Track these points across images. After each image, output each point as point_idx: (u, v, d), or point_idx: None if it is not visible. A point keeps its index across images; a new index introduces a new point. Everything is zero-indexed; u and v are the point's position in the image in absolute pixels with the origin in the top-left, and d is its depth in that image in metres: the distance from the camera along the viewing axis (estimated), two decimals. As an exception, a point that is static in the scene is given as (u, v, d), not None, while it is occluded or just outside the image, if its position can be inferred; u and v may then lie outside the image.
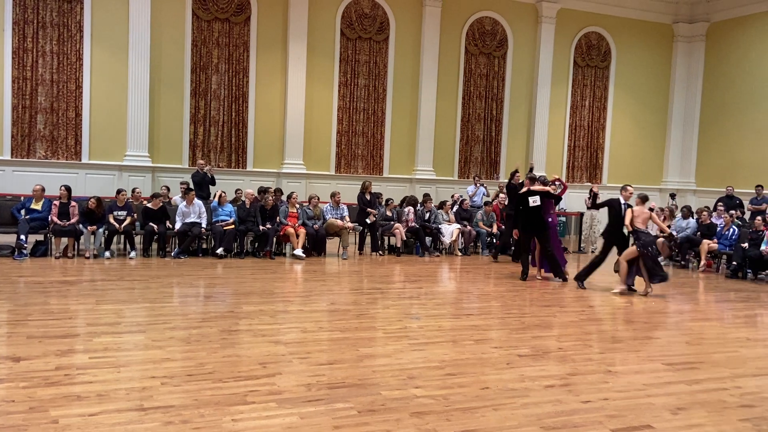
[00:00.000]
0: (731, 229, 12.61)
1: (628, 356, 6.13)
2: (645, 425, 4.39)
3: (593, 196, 10.70)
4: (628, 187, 10.16)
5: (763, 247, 11.54)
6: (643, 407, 4.74)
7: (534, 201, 10.21)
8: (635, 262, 9.55)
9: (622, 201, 9.97)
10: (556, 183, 11.85)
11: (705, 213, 13.28)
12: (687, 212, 13.49)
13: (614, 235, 9.95)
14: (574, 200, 17.11)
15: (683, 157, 19.40)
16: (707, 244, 12.61)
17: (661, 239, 13.56)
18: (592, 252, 14.96)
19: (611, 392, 5.04)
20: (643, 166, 19.38)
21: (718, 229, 12.92)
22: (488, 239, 13.81)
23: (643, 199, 9.73)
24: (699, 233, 13.04)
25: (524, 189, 10.49)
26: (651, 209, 9.86)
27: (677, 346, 6.67)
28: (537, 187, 10.43)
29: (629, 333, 7.13)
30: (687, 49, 19.15)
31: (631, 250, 9.53)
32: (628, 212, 9.65)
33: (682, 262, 13.16)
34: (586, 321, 7.82)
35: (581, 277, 10.07)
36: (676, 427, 4.40)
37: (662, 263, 12.41)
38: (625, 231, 9.82)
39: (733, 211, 13.54)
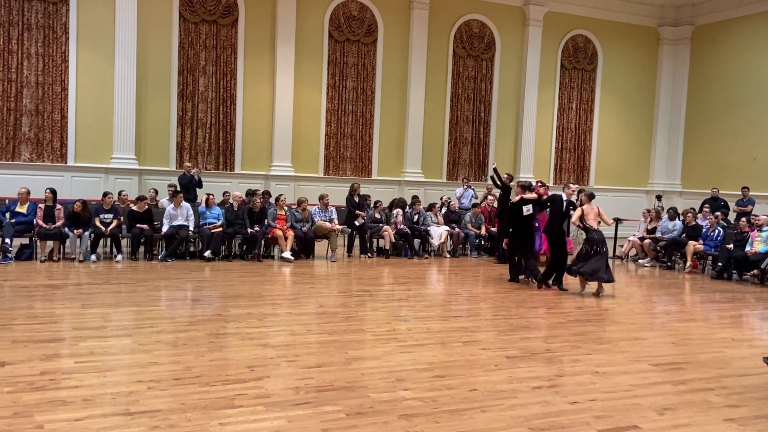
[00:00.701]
0: (716, 231, 12.73)
1: (615, 357, 6.17)
2: (632, 426, 4.42)
3: (494, 171, 10.80)
4: (571, 185, 10.13)
5: (748, 248, 11.65)
6: (629, 408, 4.76)
7: (527, 210, 10.06)
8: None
9: (565, 198, 9.93)
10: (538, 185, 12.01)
11: (690, 215, 13.39)
12: (673, 214, 13.60)
13: (552, 231, 9.90)
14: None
15: (669, 159, 19.55)
16: (693, 246, 12.72)
17: (647, 240, 13.68)
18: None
19: (598, 393, 5.06)
20: (629, 167, 19.51)
21: (704, 230, 13.03)
22: (477, 241, 13.85)
23: (590, 197, 9.61)
24: (684, 235, 13.14)
25: (517, 198, 10.27)
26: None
27: (664, 347, 6.72)
28: (529, 195, 10.30)
29: (616, 334, 7.17)
30: (672, 51, 19.31)
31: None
32: (578, 210, 9.53)
33: (668, 264, 13.26)
34: (574, 322, 7.85)
35: (545, 279, 9.96)
36: (663, 428, 4.43)
37: (648, 263, 12.48)
38: (573, 228, 9.77)
39: (718, 213, 13.66)
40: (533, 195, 10.39)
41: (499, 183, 12.95)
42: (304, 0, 15.49)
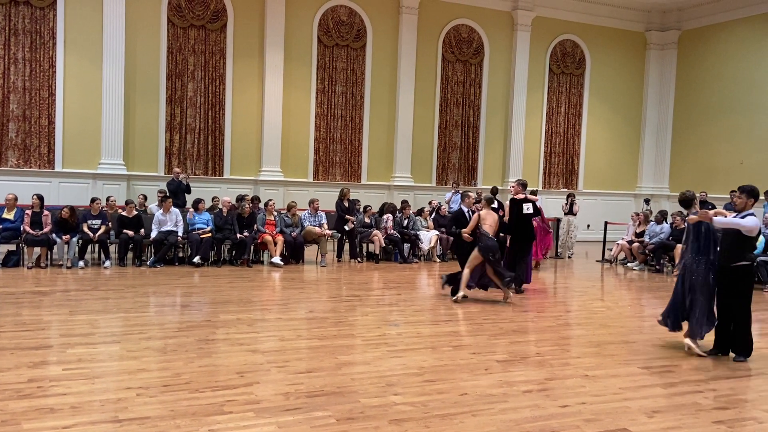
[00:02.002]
0: (704, 234, 12.78)
1: (605, 360, 6.19)
2: (621, 428, 4.43)
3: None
4: (470, 194, 9.86)
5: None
6: (619, 411, 4.78)
7: (527, 208, 9.86)
8: (481, 268, 8.98)
9: (465, 210, 9.68)
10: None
11: (678, 218, 13.46)
12: (661, 217, 13.68)
13: (462, 246, 9.29)
14: (551, 206, 17.27)
15: (657, 162, 19.70)
16: (681, 249, 12.77)
17: (636, 244, 13.75)
18: (569, 257, 15.13)
19: (588, 396, 5.08)
20: (617, 171, 19.64)
21: (692, 233, 13.08)
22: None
23: (489, 201, 9.24)
24: (671, 238, 13.22)
25: (520, 195, 10.00)
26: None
27: (653, 350, 6.75)
28: (531, 196, 10.22)
29: (605, 337, 7.20)
30: (659, 56, 19.47)
31: (475, 255, 8.86)
32: (474, 216, 9.08)
33: (657, 267, 13.34)
34: (564, 326, 7.88)
35: (453, 285, 9.35)
36: (652, 430, 4.45)
37: (637, 267, 12.55)
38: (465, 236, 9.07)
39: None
40: (534, 197, 10.38)
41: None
42: (292, 5, 15.50)
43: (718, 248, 6.53)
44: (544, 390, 5.20)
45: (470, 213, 9.59)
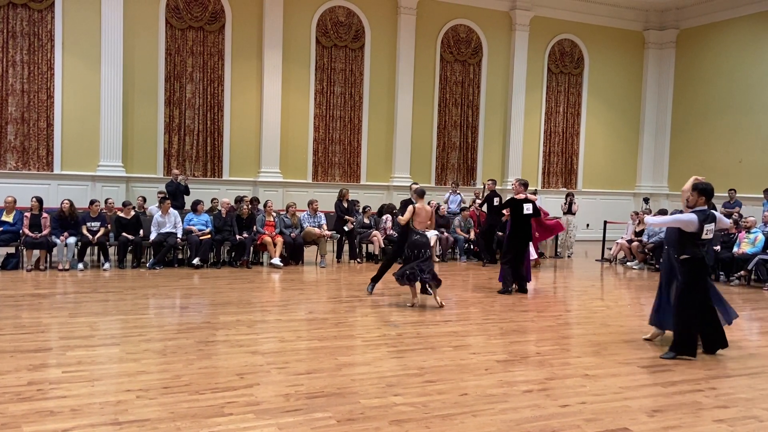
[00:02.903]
0: (704, 232, 12.79)
1: (605, 360, 6.19)
2: (622, 428, 4.43)
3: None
4: (414, 186, 9.49)
5: (735, 249, 11.74)
6: (619, 410, 4.78)
7: (527, 209, 9.79)
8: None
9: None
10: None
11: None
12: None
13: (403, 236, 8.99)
14: (550, 206, 17.27)
15: (656, 161, 19.70)
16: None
17: (635, 243, 13.76)
18: (569, 257, 15.13)
19: (588, 396, 5.08)
20: (616, 170, 19.64)
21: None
22: (466, 245, 13.87)
23: (421, 194, 8.69)
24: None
25: (520, 195, 9.91)
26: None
27: (653, 349, 6.75)
28: (531, 196, 10.17)
29: (605, 337, 7.20)
30: (658, 55, 19.48)
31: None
32: (408, 210, 8.55)
33: (656, 266, 13.33)
34: (563, 326, 7.88)
35: (374, 281, 9.42)
36: (653, 429, 4.45)
37: (637, 266, 12.48)
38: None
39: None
40: (534, 197, 10.36)
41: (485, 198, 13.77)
42: (290, 6, 15.50)
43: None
44: (544, 390, 5.19)
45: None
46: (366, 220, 13.21)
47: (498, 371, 5.67)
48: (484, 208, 13.95)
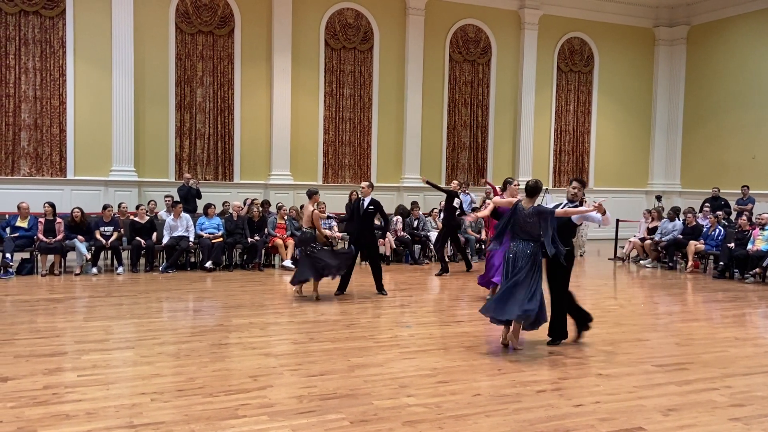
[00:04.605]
0: (717, 230, 12.72)
1: (619, 359, 6.16)
2: (636, 427, 4.41)
3: (428, 183, 11.16)
4: (363, 184, 9.68)
5: (749, 247, 11.64)
6: (634, 409, 4.75)
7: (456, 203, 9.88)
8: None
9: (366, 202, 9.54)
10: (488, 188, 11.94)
11: (690, 215, 13.39)
12: (673, 214, 13.60)
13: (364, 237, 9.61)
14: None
15: (668, 159, 19.57)
16: (694, 246, 12.71)
17: (648, 241, 13.67)
18: (581, 255, 15.06)
19: (602, 395, 5.05)
20: (628, 169, 19.52)
21: (704, 229, 13.02)
22: (477, 245, 13.84)
23: (309, 195, 9.25)
24: (682, 235, 13.15)
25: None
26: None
27: (667, 348, 6.71)
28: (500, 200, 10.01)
29: (619, 336, 7.16)
30: (668, 52, 19.35)
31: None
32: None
33: (670, 264, 13.25)
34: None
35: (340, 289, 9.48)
36: (668, 428, 4.42)
37: (650, 264, 12.41)
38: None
39: (719, 212, 13.65)
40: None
41: (440, 188, 12.50)
42: (299, 9, 15.54)
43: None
44: (557, 389, 5.18)
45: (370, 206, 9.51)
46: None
47: (511, 371, 5.65)
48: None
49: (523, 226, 6.33)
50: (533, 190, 6.54)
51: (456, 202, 11.88)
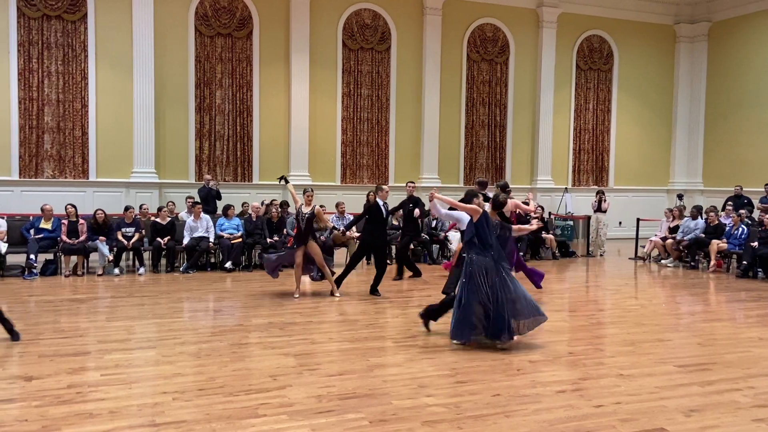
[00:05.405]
0: (740, 229, 12.55)
1: (640, 359, 6.10)
2: (658, 428, 4.37)
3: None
4: (384, 187, 9.69)
5: (772, 246, 11.46)
6: (656, 410, 4.71)
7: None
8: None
9: (381, 202, 9.48)
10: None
11: (712, 213, 13.21)
12: (695, 212, 13.44)
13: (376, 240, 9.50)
14: (581, 204, 17.10)
15: (689, 157, 19.33)
16: (716, 244, 12.55)
17: (670, 241, 13.52)
18: (601, 255, 14.93)
19: (623, 396, 5.01)
20: (649, 167, 19.33)
21: (727, 228, 12.85)
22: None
23: (303, 192, 9.65)
24: (704, 234, 12.98)
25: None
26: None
27: (689, 348, 6.64)
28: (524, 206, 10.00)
29: (640, 336, 7.09)
30: (689, 49, 19.13)
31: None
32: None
33: (692, 263, 13.09)
34: (596, 325, 7.79)
35: (338, 282, 9.60)
36: (690, 429, 4.37)
37: (672, 264, 12.25)
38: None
39: (742, 211, 13.46)
40: (529, 208, 10.19)
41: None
42: (317, 10, 15.60)
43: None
44: (578, 390, 5.14)
45: (385, 205, 9.51)
46: (395, 222, 13.22)
47: (530, 371, 5.63)
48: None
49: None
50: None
51: (416, 211, 11.38)
